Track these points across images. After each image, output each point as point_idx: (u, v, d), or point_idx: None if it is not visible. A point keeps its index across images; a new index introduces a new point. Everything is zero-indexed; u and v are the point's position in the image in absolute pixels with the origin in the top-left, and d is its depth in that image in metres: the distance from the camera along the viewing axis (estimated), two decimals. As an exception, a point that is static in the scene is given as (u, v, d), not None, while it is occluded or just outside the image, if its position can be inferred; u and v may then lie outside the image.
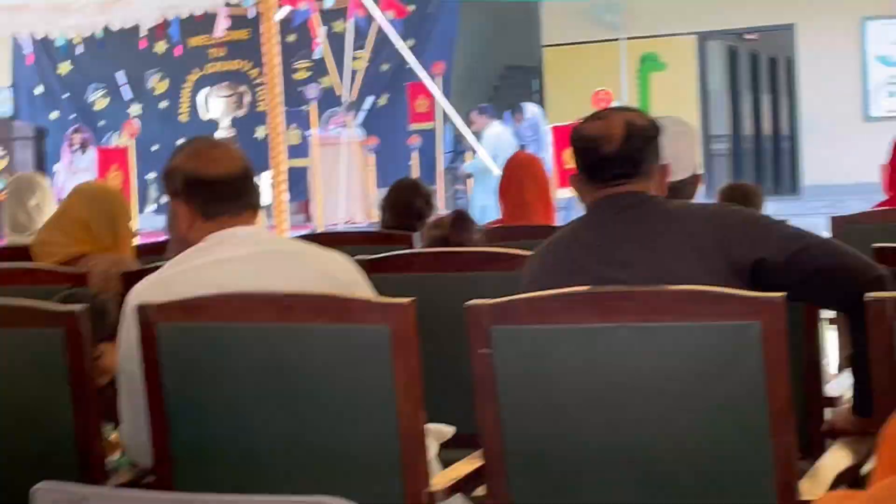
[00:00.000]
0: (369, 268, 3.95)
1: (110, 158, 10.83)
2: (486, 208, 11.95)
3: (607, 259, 2.83)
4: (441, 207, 10.24)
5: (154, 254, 5.66)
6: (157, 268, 2.99)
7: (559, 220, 6.46)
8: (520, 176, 5.72)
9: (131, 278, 4.11)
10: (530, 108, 15.13)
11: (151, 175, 16.98)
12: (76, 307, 2.78)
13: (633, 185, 2.93)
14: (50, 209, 5.73)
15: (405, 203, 5.51)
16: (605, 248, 2.87)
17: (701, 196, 3.72)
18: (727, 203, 4.06)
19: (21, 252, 5.53)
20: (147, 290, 2.79)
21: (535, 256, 3.07)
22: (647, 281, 2.64)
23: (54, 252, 4.38)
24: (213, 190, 2.84)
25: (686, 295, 2.51)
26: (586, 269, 2.83)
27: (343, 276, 2.83)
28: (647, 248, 2.83)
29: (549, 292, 2.60)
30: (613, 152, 2.91)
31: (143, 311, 2.69)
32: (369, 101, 16.24)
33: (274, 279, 2.72)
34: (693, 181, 3.55)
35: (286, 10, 12.45)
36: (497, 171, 11.88)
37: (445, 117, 15.15)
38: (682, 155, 3.40)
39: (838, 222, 4.74)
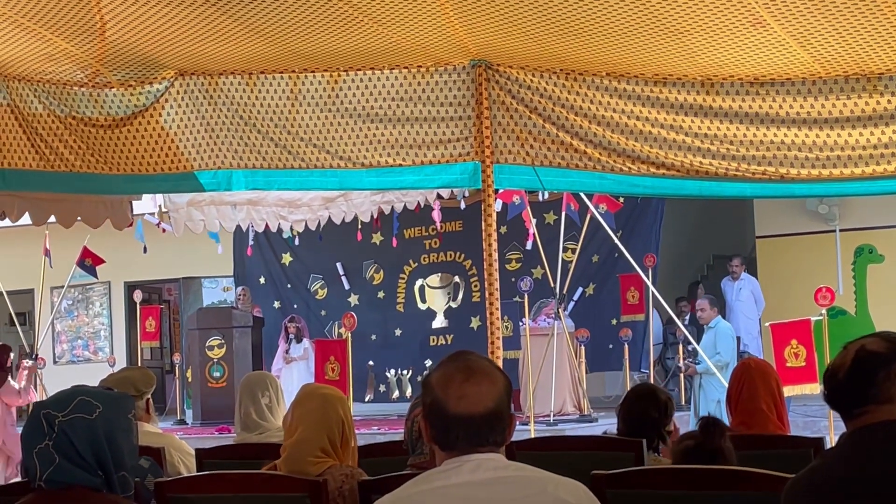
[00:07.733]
0: (606, 482, 3.90)
1: (328, 350, 11.03)
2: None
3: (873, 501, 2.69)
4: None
5: (373, 457, 5.65)
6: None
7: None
8: (752, 383, 5.51)
9: (365, 488, 4.14)
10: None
11: (370, 363, 17.28)
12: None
13: (877, 413, 2.80)
14: (281, 408, 5.82)
15: (640, 413, 5.27)
16: (867, 488, 2.73)
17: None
18: None
19: (251, 449, 5.64)
20: None
21: (796, 485, 2.92)
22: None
23: (306, 460, 4.33)
24: (451, 426, 2.78)
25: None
26: None
27: None
28: None
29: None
30: (839, 383, 2.85)
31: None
32: (578, 291, 16.27)
33: None
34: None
35: (499, 203, 12.62)
36: (716, 370, 11.64)
37: (654, 307, 15.06)
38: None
39: None
